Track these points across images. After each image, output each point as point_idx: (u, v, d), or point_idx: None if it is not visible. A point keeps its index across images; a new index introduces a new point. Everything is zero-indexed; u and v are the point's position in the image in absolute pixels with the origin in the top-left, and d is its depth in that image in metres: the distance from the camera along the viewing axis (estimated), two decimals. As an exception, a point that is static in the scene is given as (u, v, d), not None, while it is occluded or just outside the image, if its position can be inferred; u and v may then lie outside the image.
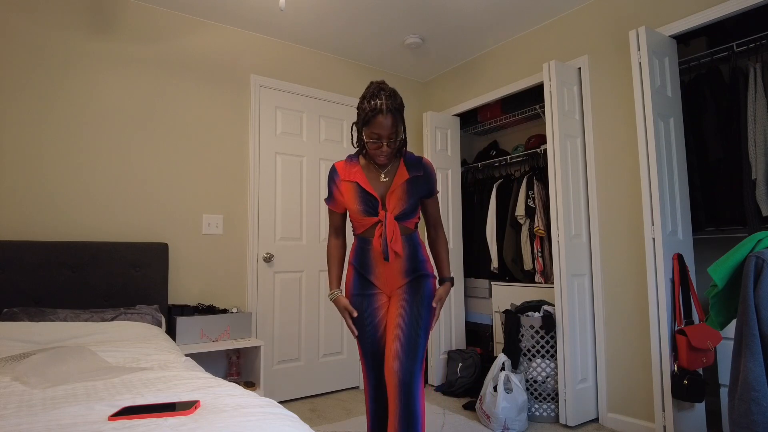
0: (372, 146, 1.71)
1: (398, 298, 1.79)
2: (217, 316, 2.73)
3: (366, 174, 1.79)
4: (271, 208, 3.30)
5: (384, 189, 1.78)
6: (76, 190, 2.63)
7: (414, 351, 1.68)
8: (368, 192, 1.75)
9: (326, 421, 2.83)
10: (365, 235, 1.82)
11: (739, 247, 1.51)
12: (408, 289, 1.79)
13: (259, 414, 1.08)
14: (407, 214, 1.76)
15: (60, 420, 1.03)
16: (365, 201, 1.75)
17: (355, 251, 1.86)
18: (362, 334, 1.81)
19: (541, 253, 3.35)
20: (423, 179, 1.81)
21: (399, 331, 1.71)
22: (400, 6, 2.99)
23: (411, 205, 1.76)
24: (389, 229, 1.73)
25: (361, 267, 1.83)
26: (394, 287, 1.81)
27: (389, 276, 1.80)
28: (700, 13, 2.43)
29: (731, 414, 1.42)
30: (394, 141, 1.70)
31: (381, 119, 1.65)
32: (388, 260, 1.74)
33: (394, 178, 1.78)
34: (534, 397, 2.82)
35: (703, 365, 2.23)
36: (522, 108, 3.71)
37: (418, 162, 1.82)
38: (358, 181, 1.76)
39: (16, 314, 2.15)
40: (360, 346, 1.83)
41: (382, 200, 1.76)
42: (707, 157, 2.63)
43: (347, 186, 1.79)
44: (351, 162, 1.82)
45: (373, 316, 1.82)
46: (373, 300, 1.83)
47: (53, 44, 2.62)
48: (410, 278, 1.80)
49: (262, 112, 3.32)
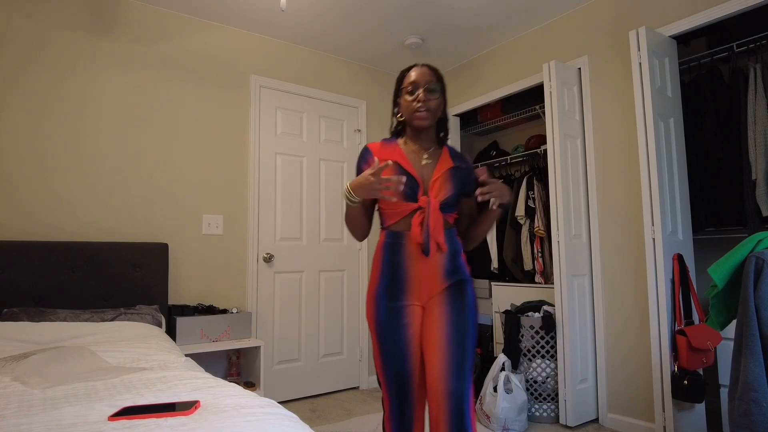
0: (408, 101, 1.54)
1: (437, 307, 1.51)
2: (217, 316, 2.73)
3: (407, 155, 1.58)
4: (271, 208, 3.30)
5: (427, 173, 1.55)
6: (76, 190, 2.63)
7: (463, 369, 1.43)
8: (408, 173, 1.52)
9: (326, 421, 2.83)
10: (398, 228, 1.54)
11: (739, 248, 1.51)
12: (448, 296, 1.51)
13: (259, 414, 1.08)
14: (450, 204, 1.54)
15: (60, 420, 1.03)
16: (406, 183, 1.51)
17: (383, 249, 1.56)
18: (386, 353, 1.50)
19: (541, 253, 3.35)
20: (466, 173, 1.61)
21: (444, 346, 1.45)
22: (400, 6, 2.99)
23: (454, 196, 1.54)
24: (433, 217, 1.47)
25: (392, 268, 1.53)
26: (432, 293, 1.53)
27: (426, 278, 1.51)
28: (700, 14, 2.43)
29: (731, 414, 1.42)
30: (433, 91, 1.53)
31: (416, 69, 1.55)
32: (428, 254, 1.47)
33: (438, 162, 1.57)
34: (534, 398, 2.82)
35: (703, 365, 2.22)
36: (522, 108, 3.71)
37: (462, 155, 1.65)
38: (399, 161, 1.54)
39: (16, 314, 2.15)
40: (382, 368, 1.51)
41: (424, 185, 1.54)
42: (707, 158, 2.63)
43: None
44: (389, 143, 1.62)
45: (403, 332, 1.50)
46: (403, 313, 1.51)
47: (53, 44, 2.62)
48: (450, 282, 1.52)
49: (262, 112, 3.32)
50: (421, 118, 1.54)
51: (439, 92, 1.57)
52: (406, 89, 1.56)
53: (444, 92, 1.60)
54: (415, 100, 1.53)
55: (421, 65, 1.58)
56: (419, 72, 1.56)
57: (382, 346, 1.51)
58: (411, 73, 1.57)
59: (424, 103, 1.53)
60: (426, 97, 1.53)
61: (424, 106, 1.53)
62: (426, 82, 1.54)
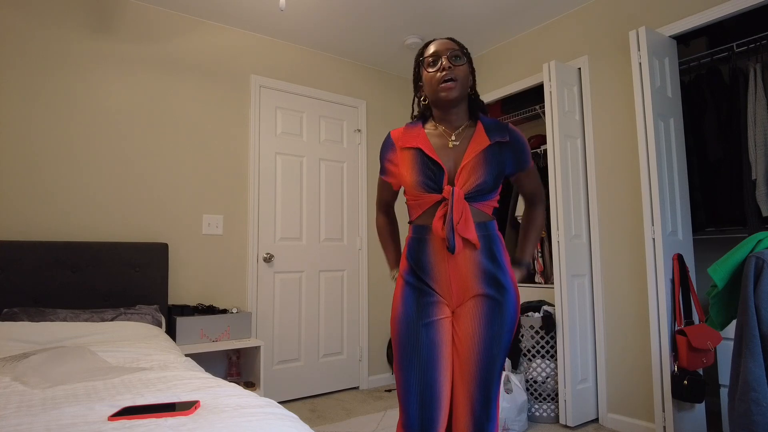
0: (430, 72, 1.35)
1: (469, 317, 1.32)
2: (217, 316, 2.73)
3: (431, 139, 1.38)
4: (271, 208, 3.30)
5: (455, 158, 1.35)
6: (76, 190, 2.63)
7: (488, 398, 1.28)
8: (432, 159, 1.33)
9: (326, 421, 2.83)
10: (423, 222, 1.36)
11: (739, 248, 1.51)
12: (483, 307, 1.31)
13: (259, 414, 1.08)
14: (483, 192, 1.32)
15: (60, 420, 1.03)
16: (426, 171, 1.33)
17: (408, 245, 1.40)
18: (409, 358, 1.31)
19: (541, 253, 3.34)
20: (510, 147, 1.38)
21: (471, 368, 1.29)
22: (400, 6, 2.99)
23: (490, 182, 1.32)
24: (457, 209, 1.27)
25: (417, 266, 1.36)
26: (464, 296, 1.33)
27: (456, 279, 1.32)
28: (700, 14, 2.43)
29: (731, 414, 1.42)
30: (459, 58, 1.35)
31: (436, 41, 1.39)
32: (454, 252, 1.28)
33: (469, 143, 1.35)
34: (534, 398, 2.82)
35: (703, 366, 2.22)
36: (522, 108, 3.71)
37: (502, 126, 1.40)
38: (421, 146, 1.35)
39: (16, 314, 2.15)
40: (401, 373, 1.32)
41: (450, 172, 1.33)
42: (707, 158, 2.63)
43: (405, 155, 1.38)
44: (413, 126, 1.43)
45: (431, 334, 1.32)
46: (431, 310, 1.33)
47: (53, 44, 2.62)
48: (487, 289, 1.32)
49: (262, 112, 3.32)
50: (448, 89, 1.33)
51: (466, 61, 1.39)
52: (428, 61, 1.38)
53: (471, 62, 1.42)
54: (439, 70, 1.34)
55: (442, 38, 1.41)
56: (440, 42, 1.38)
57: (407, 349, 1.33)
58: (431, 45, 1.40)
59: (449, 71, 1.33)
60: (451, 64, 1.34)
61: (449, 74, 1.33)
62: (448, 49, 1.36)
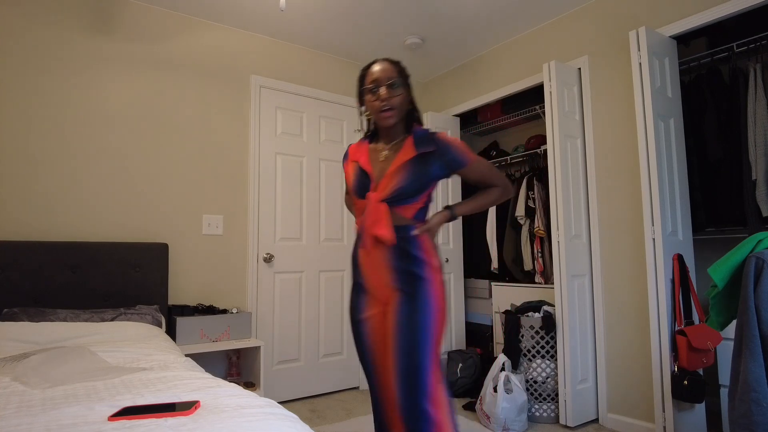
0: (371, 99, 1.51)
1: (391, 311, 1.50)
2: (217, 316, 2.73)
3: (371, 153, 1.58)
4: (271, 208, 3.30)
5: (382, 168, 1.53)
6: (75, 190, 2.63)
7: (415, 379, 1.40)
8: (364, 170, 1.54)
9: (326, 421, 2.83)
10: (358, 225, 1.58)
11: (739, 248, 1.51)
12: (397, 300, 1.48)
13: (259, 414, 1.08)
14: (402, 197, 1.48)
15: (60, 420, 1.03)
16: (359, 181, 1.54)
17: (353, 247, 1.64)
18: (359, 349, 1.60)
19: (541, 253, 3.35)
20: (436, 155, 1.51)
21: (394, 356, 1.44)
22: (400, 7, 2.99)
23: (409, 187, 1.48)
24: (370, 210, 1.48)
25: (353, 264, 1.61)
26: (387, 290, 1.51)
27: (373, 273, 1.53)
28: (700, 14, 2.43)
29: (731, 414, 1.42)
30: (396, 86, 1.49)
31: (376, 65, 1.53)
32: (366, 248, 1.51)
33: (397, 154, 1.53)
34: (534, 398, 2.82)
35: (703, 366, 2.23)
36: (522, 108, 3.71)
37: (429, 136, 1.54)
38: (360, 160, 1.57)
39: (16, 314, 2.15)
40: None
41: (376, 181, 1.52)
42: (707, 158, 2.63)
43: (350, 167, 1.60)
44: (363, 142, 1.65)
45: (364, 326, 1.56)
46: (363, 306, 1.57)
47: (53, 44, 2.62)
48: (400, 284, 1.49)
49: (262, 113, 3.32)
50: (386, 117, 1.51)
51: (402, 86, 1.53)
52: (369, 88, 1.53)
53: (407, 85, 1.56)
54: (378, 99, 1.50)
55: (382, 60, 1.54)
56: (380, 69, 1.52)
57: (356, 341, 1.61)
58: (372, 71, 1.54)
59: (387, 101, 1.49)
60: (389, 93, 1.49)
61: (387, 104, 1.49)
62: (387, 78, 1.50)
